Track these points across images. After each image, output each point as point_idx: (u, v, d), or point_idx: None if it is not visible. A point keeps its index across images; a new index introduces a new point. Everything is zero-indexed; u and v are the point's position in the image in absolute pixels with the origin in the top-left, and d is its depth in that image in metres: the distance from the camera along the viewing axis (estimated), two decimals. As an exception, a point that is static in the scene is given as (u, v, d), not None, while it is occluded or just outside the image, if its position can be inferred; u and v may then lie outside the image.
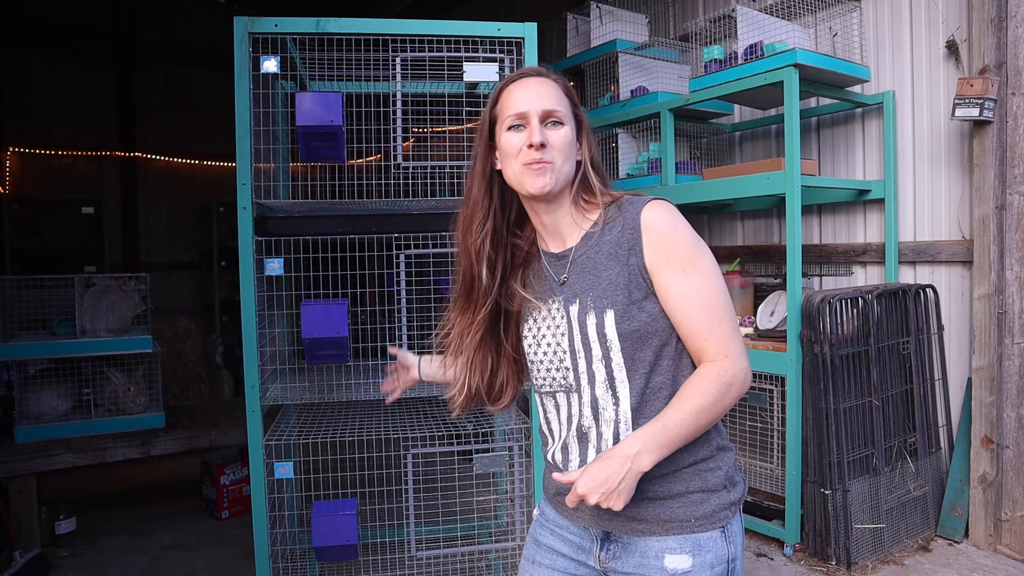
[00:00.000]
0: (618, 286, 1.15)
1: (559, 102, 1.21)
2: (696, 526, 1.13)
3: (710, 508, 1.14)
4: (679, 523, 1.13)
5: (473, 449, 2.20)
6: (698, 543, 1.12)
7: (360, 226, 2.17)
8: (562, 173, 1.19)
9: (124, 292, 3.45)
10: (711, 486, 1.15)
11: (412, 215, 2.18)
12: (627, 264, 1.16)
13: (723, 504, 1.15)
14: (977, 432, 2.99)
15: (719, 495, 1.15)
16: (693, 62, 4.07)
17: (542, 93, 1.21)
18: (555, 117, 1.20)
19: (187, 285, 7.96)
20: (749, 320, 3.47)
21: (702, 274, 1.13)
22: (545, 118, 1.20)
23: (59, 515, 3.19)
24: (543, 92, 1.21)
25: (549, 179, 1.18)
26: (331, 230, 2.16)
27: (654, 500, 1.14)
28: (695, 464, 1.15)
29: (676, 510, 1.13)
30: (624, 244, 1.16)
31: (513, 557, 2.33)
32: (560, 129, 1.20)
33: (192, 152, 7.94)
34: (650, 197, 1.19)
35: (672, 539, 1.13)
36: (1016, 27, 2.85)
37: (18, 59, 6.96)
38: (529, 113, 1.19)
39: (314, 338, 2.06)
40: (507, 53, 2.15)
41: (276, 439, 2.13)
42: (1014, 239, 2.89)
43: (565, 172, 1.20)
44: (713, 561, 1.12)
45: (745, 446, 3.31)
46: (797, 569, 2.86)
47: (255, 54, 2.01)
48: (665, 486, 1.14)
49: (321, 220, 2.16)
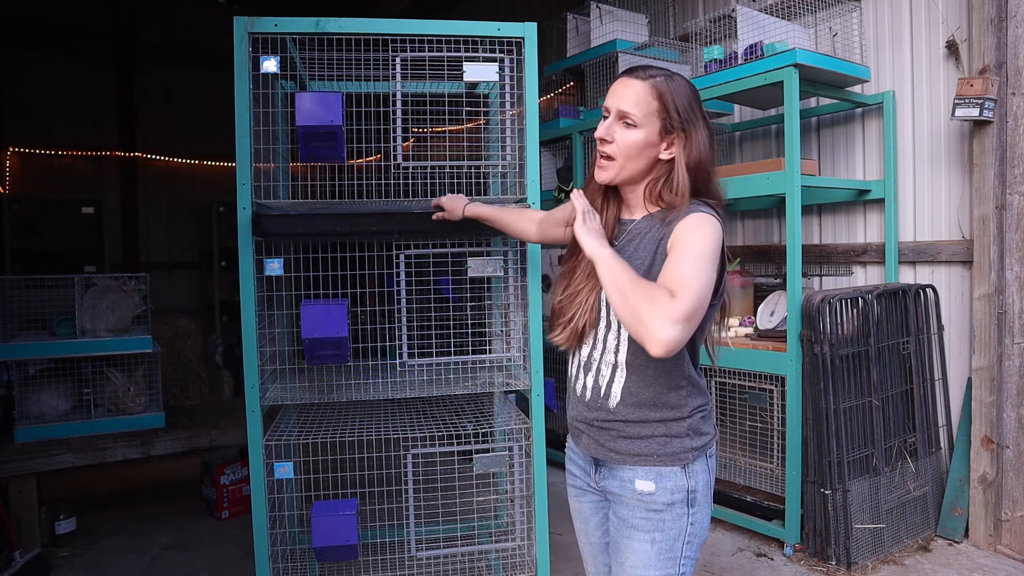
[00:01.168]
0: (643, 265, 1.36)
1: (638, 105, 1.35)
2: (658, 461, 1.39)
3: (672, 449, 1.39)
4: (645, 457, 1.39)
5: (473, 449, 2.20)
6: (660, 473, 1.39)
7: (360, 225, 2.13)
8: (625, 171, 1.39)
9: (124, 292, 3.45)
10: (674, 433, 1.39)
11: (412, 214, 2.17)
12: (655, 254, 1.36)
13: (684, 448, 1.40)
14: (977, 432, 2.99)
15: (681, 440, 1.40)
16: (693, 62, 4.07)
17: (625, 94, 1.36)
18: (628, 119, 1.36)
19: (187, 285, 7.96)
20: (749, 320, 3.47)
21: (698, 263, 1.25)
22: (620, 117, 1.37)
23: (59, 515, 3.19)
24: (627, 93, 1.36)
25: (607, 175, 1.41)
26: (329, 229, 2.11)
27: (628, 438, 1.41)
28: (663, 420, 1.39)
29: (643, 448, 1.40)
30: (660, 237, 1.36)
31: (513, 557, 2.32)
32: (629, 131, 1.37)
33: (192, 152, 7.94)
34: (704, 210, 1.35)
35: (641, 469, 1.40)
36: (1016, 27, 2.85)
37: (18, 59, 6.96)
38: (610, 108, 1.38)
39: (314, 338, 2.06)
40: (507, 53, 2.15)
41: (276, 439, 2.12)
42: (1014, 239, 2.89)
43: (629, 170, 1.39)
44: (673, 488, 1.39)
45: (745, 446, 3.31)
46: (797, 569, 2.86)
47: (255, 54, 2.01)
48: (636, 429, 1.40)
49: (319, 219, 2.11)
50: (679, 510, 1.39)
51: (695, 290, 1.20)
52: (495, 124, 2.39)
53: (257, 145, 2.04)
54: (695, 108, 1.38)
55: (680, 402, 1.40)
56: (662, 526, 1.39)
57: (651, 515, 1.40)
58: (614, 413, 1.41)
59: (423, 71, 2.15)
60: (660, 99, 1.35)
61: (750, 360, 3.11)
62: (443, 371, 2.34)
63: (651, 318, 1.16)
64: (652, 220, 1.41)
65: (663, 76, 1.38)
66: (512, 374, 2.33)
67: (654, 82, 1.36)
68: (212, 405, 4.48)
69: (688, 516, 1.40)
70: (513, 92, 2.20)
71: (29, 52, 7.01)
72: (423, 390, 2.16)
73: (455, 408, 2.61)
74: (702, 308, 1.22)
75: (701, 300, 1.21)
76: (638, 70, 1.38)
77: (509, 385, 2.25)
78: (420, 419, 2.41)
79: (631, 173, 1.40)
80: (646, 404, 1.39)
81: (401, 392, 2.15)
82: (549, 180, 4.57)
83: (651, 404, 1.39)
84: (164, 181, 7.86)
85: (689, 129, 1.37)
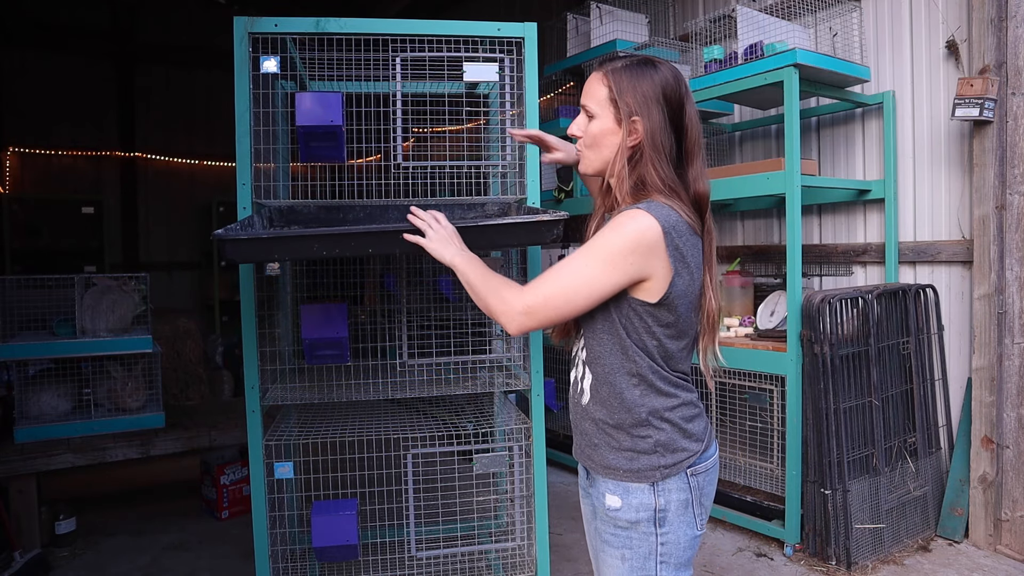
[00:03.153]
0: None
1: (591, 95, 1.39)
2: (625, 476, 1.35)
3: (638, 466, 1.34)
4: (612, 471, 1.36)
5: (473, 449, 2.20)
6: (627, 489, 1.34)
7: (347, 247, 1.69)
8: (596, 160, 1.41)
9: (124, 292, 3.45)
10: (640, 449, 1.34)
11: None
12: None
13: (652, 465, 1.34)
14: (977, 432, 2.99)
15: (649, 457, 1.34)
16: (693, 62, 4.07)
17: (587, 88, 1.40)
18: (587, 110, 1.40)
19: (187, 285, 7.97)
20: (749, 320, 3.47)
21: (583, 260, 1.29)
22: (584, 110, 1.41)
23: (59, 515, 3.19)
24: (588, 87, 1.40)
25: (582, 166, 1.44)
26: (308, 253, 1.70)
27: (597, 447, 1.39)
28: (627, 428, 1.35)
29: (611, 460, 1.36)
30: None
31: (513, 557, 2.32)
32: (592, 122, 1.39)
33: (192, 152, 7.94)
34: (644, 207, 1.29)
35: (610, 482, 1.37)
36: (1016, 27, 2.85)
37: (18, 59, 6.97)
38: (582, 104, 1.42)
39: (314, 339, 2.06)
40: (507, 53, 2.15)
41: (276, 439, 2.12)
42: (1014, 239, 2.89)
43: (599, 159, 1.40)
44: (638, 506, 1.34)
45: (745, 446, 3.31)
46: (797, 569, 2.86)
47: (255, 54, 2.00)
48: (604, 437, 1.38)
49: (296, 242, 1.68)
50: (645, 528, 1.34)
51: (551, 283, 1.30)
52: (495, 124, 2.39)
53: (257, 145, 2.04)
54: (649, 94, 1.34)
55: (637, 401, 1.34)
56: (629, 543, 1.35)
57: (618, 531, 1.36)
58: (586, 410, 1.41)
59: (423, 71, 2.15)
60: (609, 87, 1.36)
61: (750, 360, 3.11)
62: (443, 371, 2.34)
63: (497, 310, 1.34)
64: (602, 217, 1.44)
65: (623, 63, 1.37)
66: (512, 374, 2.33)
67: (605, 70, 1.38)
68: (212, 405, 4.48)
69: (657, 536, 1.34)
70: (513, 92, 2.19)
71: (29, 52, 7.02)
72: (423, 390, 2.16)
73: (455, 408, 2.61)
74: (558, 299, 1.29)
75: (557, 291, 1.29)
76: (603, 62, 1.40)
77: (509, 385, 2.25)
78: (420, 419, 2.41)
79: (602, 163, 1.40)
80: (606, 400, 1.36)
81: (401, 392, 2.15)
82: (549, 180, 4.57)
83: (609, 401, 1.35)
84: (164, 181, 7.87)
85: (642, 112, 1.33)
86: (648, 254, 1.25)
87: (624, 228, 1.26)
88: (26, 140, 7.06)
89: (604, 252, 1.26)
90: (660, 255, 1.26)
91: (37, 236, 6.62)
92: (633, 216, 1.26)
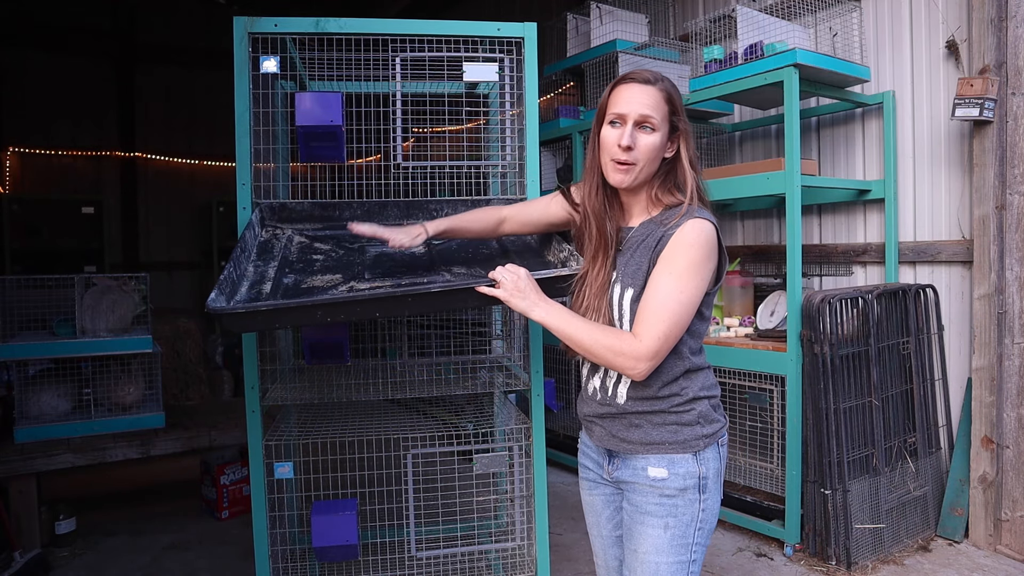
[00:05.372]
0: (640, 272, 1.44)
1: (656, 109, 1.42)
2: (670, 449, 1.44)
3: (683, 437, 1.44)
4: (657, 445, 1.45)
5: (473, 449, 2.20)
6: (672, 460, 1.44)
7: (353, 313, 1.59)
8: (643, 173, 1.45)
9: (124, 292, 3.45)
10: (684, 421, 1.45)
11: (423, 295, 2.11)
12: (650, 257, 1.43)
13: (695, 436, 1.45)
14: (977, 432, 2.99)
15: (692, 428, 1.45)
16: (693, 62, 4.07)
17: (643, 100, 1.42)
18: (649, 124, 1.42)
19: (187, 285, 7.97)
20: (749, 320, 3.47)
21: (678, 284, 1.37)
22: (640, 123, 1.42)
23: (59, 515, 3.19)
24: (643, 99, 1.42)
25: (628, 177, 1.45)
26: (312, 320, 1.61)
27: (640, 428, 1.47)
28: (672, 409, 1.45)
29: (655, 436, 1.45)
30: (658, 241, 1.42)
31: (513, 557, 2.32)
32: (650, 135, 1.42)
33: (192, 152, 7.95)
34: (701, 216, 1.41)
35: (653, 456, 1.45)
36: (1016, 27, 2.85)
37: (18, 59, 6.97)
38: (627, 116, 1.42)
39: (314, 339, 2.06)
40: (507, 53, 2.15)
41: (276, 439, 2.12)
42: (1014, 239, 2.89)
43: (646, 172, 1.46)
44: (684, 474, 1.44)
45: (745, 446, 3.31)
46: (797, 569, 2.86)
47: (255, 54, 2.00)
48: (648, 418, 1.46)
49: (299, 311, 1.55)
50: (691, 495, 1.44)
51: (664, 321, 1.36)
52: (495, 124, 2.39)
53: (257, 145, 2.04)
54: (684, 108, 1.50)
55: (683, 390, 1.46)
56: (675, 511, 1.44)
57: (664, 500, 1.44)
58: (623, 408, 1.48)
59: (423, 71, 2.15)
60: (670, 102, 1.45)
61: (750, 360, 3.11)
62: (443, 371, 2.34)
63: (620, 365, 1.38)
64: (650, 224, 1.48)
65: (667, 79, 1.48)
66: (512, 374, 2.33)
67: (663, 85, 1.45)
68: (212, 405, 4.48)
69: (700, 502, 1.45)
70: (513, 92, 2.20)
71: (29, 52, 7.02)
72: (423, 390, 2.16)
73: (455, 408, 2.61)
74: (673, 332, 1.38)
75: (671, 326, 1.36)
76: (647, 75, 1.45)
77: (509, 385, 2.25)
78: (420, 419, 2.41)
79: (647, 176, 1.47)
80: (651, 397, 1.46)
81: (401, 392, 2.15)
82: (549, 180, 4.56)
83: (655, 397, 1.46)
84: (164, 181, 7.87)
85: (687, 127, 1.48)
86: (713, 253, 1.41)
87: (699, 240, 1.38)
88: (26, 140, 7.06)
89: (692, 269, 1.38)
90: (716, 250, 1.42)
91: (37, 236, 6.62)
92: (698, 228, 1.39)
